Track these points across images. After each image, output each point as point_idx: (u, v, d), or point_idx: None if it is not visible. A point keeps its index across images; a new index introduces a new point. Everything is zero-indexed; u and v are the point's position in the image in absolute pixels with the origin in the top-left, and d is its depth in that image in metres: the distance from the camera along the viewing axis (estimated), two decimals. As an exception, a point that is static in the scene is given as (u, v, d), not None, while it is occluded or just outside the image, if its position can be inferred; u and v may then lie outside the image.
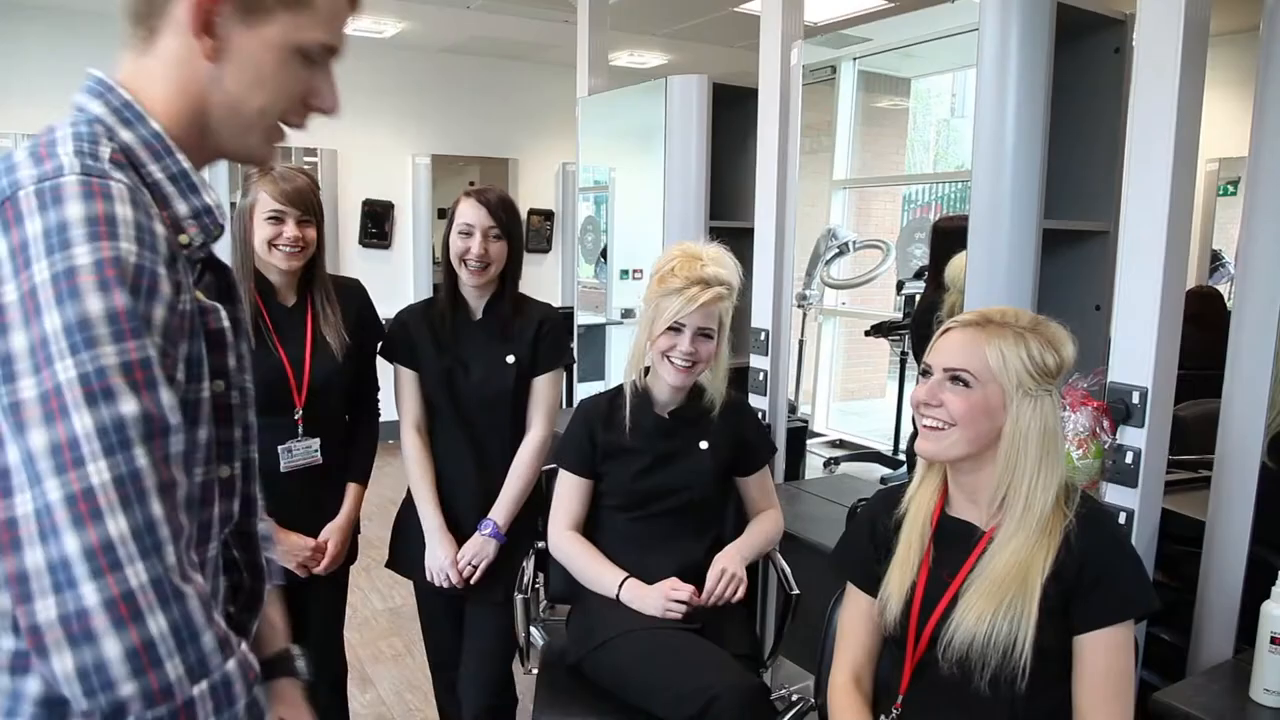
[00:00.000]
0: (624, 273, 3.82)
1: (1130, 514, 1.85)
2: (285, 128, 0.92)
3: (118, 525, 0.68)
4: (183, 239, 0.84)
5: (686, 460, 1.96)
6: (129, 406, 0.70)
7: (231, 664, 0.75)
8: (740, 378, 2.75)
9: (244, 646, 0.79)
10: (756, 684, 1.71)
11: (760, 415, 2.78)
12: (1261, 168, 1.71)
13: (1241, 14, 1.79)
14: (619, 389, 2.02)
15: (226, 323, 0.90)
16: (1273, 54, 1.68)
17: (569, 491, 2.01)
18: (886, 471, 3.40)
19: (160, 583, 0.70)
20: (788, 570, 2.05)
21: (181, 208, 0.85)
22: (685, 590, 1.84)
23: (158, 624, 0.69)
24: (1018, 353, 1.36)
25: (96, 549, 0.67)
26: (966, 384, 1.37)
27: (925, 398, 1.41)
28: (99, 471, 0.68)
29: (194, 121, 0.86)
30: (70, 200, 0.72)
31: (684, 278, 1.85)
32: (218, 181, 4.98)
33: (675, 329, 1.86)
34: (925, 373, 1.43)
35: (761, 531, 2.01)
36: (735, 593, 1.88)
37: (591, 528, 2.01)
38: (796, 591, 2.01)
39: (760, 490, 2.06)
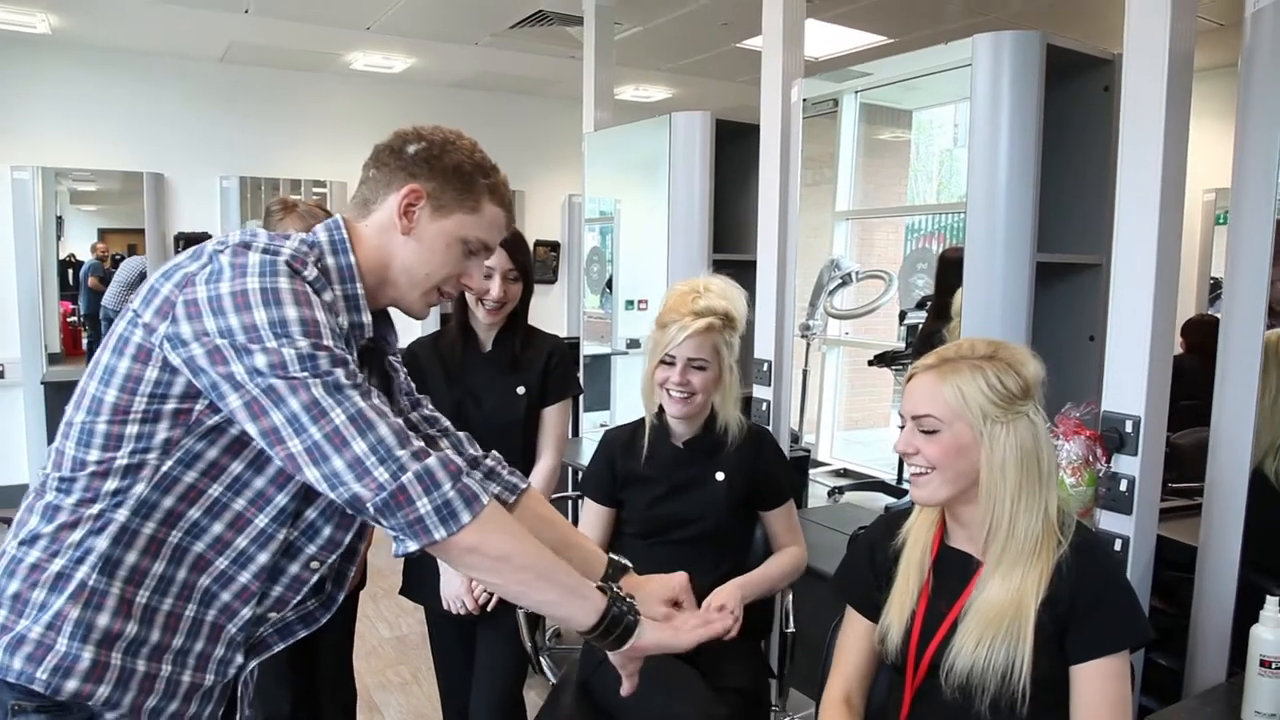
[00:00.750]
0: (629, 303, 3.87)
1: (1126, 540, 1.88)
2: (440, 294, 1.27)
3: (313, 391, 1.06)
4: None
5: (701, 490, 1.99)
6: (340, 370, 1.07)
7: (431, 460, 1.07)
8: (744, 407, 2.79)
9: (446, 451, 1.20)
10: (722, 716, 1.72)
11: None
12: (1244, 198, 1.76)
13: (1236, 47, 1.84)
14: (643, 420, 2.07)
15: None
16: (1251, 89, 1.74)
17: (591, 518, 2.07)
18: (890, 500, 3.42)
19: (355, 419, 1.05)
20: (790, 607, 2.05)
21: (343, 319, 1.17)
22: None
23: (361, 446, 1.04)
24: (976, 385, 1.37)
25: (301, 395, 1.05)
26: (935, 429, 1.40)
27: (903, 447, 1.44)
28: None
29: (379, 270, 1.23)
30: (282, 261, 1.09)
31: (677, 311, 1.91)
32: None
33: (668, 361, 1.92)
34: (901, 426, 1.46)
35: (776, 567, 2.01)
36: (727, 631, 1.88)
37: (614, 553, 2.06)
38: (792, 630, 2.01)
39: (784, 525, 2.06)
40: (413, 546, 1.06)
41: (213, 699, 1.24)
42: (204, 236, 5.61)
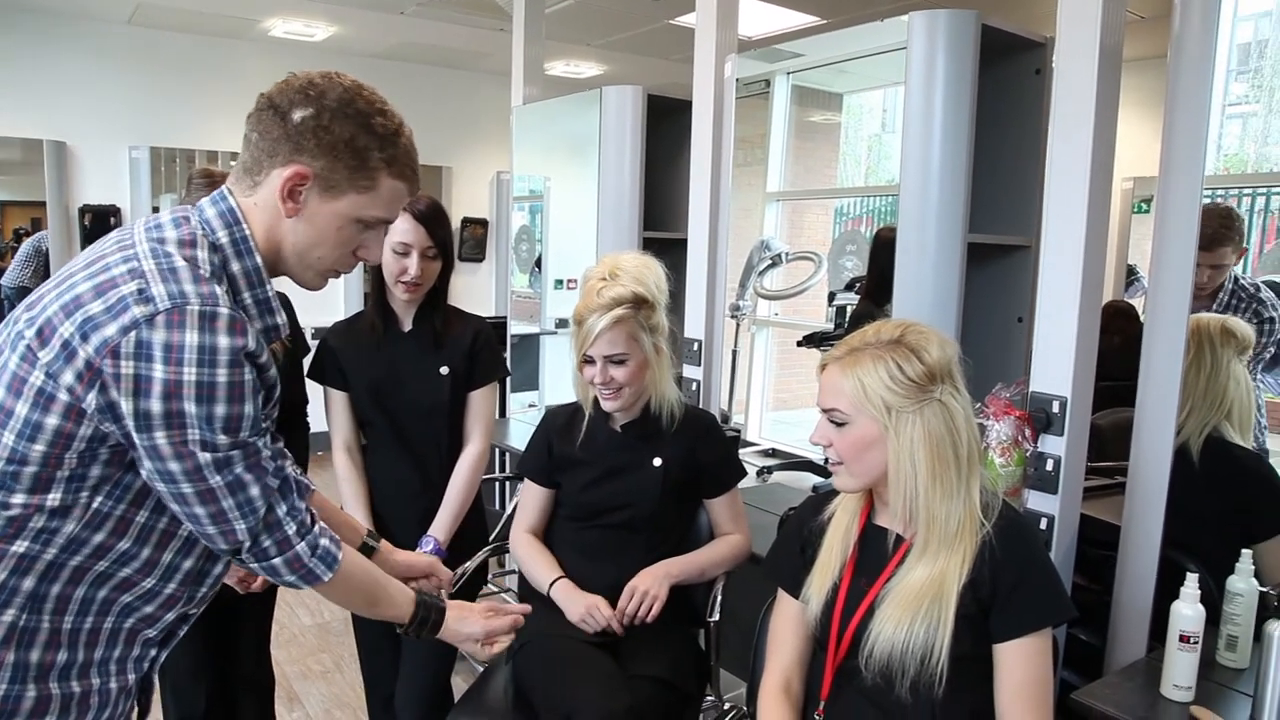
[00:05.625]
0: (558, 282, 3.81)
1: (1051, 519, 1.91)
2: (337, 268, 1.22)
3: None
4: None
5: (636, 475, 1.95)
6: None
7: (301, 545, 1.16)
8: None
9: (319, 527, 1.20)
10: (620, 706, 1.69)
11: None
12: (1170, 189, 1.78)
13: (1152, 41, 1.87)
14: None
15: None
16: (1179, 80, 1.76)
17: (529, 498, 2.04)
18: (818, 480, 3.44)
19: (261, 524, 1.12)
20: (718, 595, 1.99)
21: (256, 324, 1.13)
22: (606, 616, 1.85)
23: (269, 538, 1.13)
24: (877, 376, 1.36)
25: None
26: (844, 421, 1.39)
27: (817, 439, 1.43)
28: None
29: (272, 252, 1.15)
30: (223, 343, 1.03)
31: (588, 306, 1.85)
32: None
33: (589, 360, 1.87)
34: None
35: (708, 554, 1.99)
36: (648, 612, 1.86)
37: (550, 535, 2.04)
38: (715, 619, 1.97)
39: (725, 514, 2.04)
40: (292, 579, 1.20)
41: (133, 694, 1.22)
42: (112, 210, 5.37)
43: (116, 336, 0.99)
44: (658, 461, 1.95)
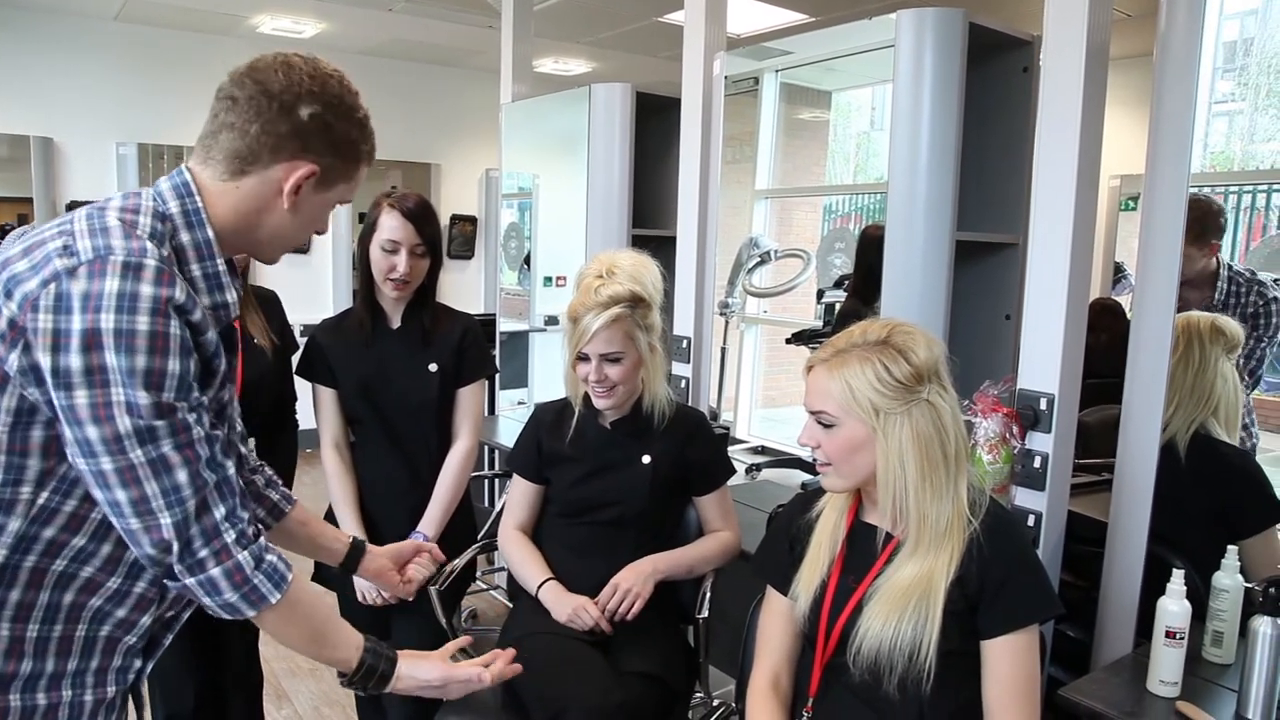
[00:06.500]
0: (547, 280, 3.81)
1: (1039, 516, 1.92)
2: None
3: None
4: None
5: (625, 472, 1.95)
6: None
7: (243, 555, 1.07)
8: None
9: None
10: (612, 703, 1.69)
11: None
12: (1156, 185, 1.79)
13: (1139, 39, 1.88)
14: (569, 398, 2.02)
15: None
16: (1165, 77, 1.76)
17: (518, 494, 2.04)
18: (807, 477, 3.44)
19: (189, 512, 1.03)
20: (708, 592, 1.99)
21: (205, 300, 1.09)
22: (594, 615, 1.84)
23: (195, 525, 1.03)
24: (865, 378, 1.35)
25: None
26: (831, 423, 1.38)
27: (805, 440, 1.42)
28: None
29: (240, 231, 1.13)
30: (146, 291, 0.97)
31: (585, 304, 1.84)
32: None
33: (583, 358, 1.87)
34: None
35: (698, 550, 1.99)
36: (630, 609, 1.86)
37: (539, 531, 2.03)
38: (705, 615, 1.96)
39: (715, 511, 2.03)
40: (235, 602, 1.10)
41: (116, 708, 1.17)
42: (98, 205, 5.35)
43: (36, 289, 0.95)
44: (647, 459, 1.94)
